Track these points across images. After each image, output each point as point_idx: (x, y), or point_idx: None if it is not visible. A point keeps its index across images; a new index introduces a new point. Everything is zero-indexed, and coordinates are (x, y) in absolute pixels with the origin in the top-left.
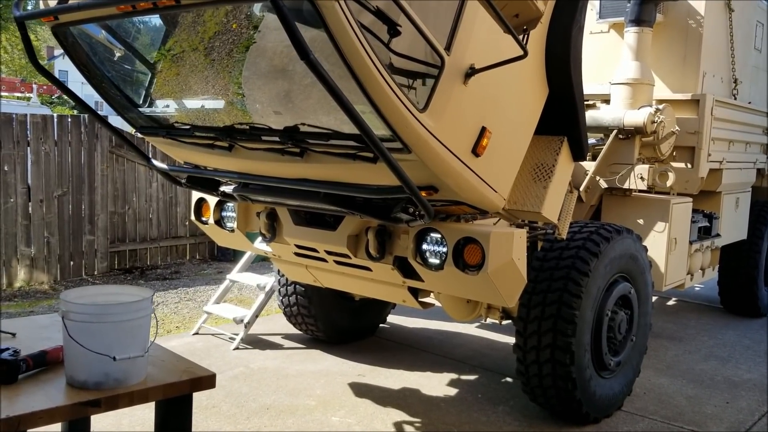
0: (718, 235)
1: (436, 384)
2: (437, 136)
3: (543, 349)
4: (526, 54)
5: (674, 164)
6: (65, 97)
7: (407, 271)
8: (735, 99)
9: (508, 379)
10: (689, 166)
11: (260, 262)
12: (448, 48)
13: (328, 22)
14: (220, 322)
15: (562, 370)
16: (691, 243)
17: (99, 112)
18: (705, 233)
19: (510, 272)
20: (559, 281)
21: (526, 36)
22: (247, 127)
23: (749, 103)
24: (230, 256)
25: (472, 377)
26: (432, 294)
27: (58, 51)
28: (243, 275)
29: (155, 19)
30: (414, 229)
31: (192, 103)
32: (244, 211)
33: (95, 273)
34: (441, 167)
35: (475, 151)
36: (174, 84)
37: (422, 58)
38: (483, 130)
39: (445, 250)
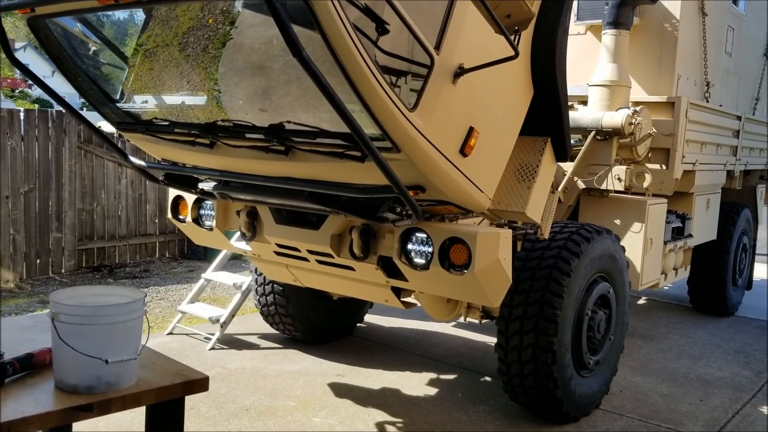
0: (690, 235)
1: (415, 383)
2: (426, 135)
3: (525, 348)
4: (517, 54)
5: (649, 166)
6: (27, 90)
7: (391, 270)
8: (707, 102)
9: (487, 378)
10: (664, 167)
11: (232, 261)
12: (437, 47)
13: (320, 20)
14: (194, 322)
15: (544, 369)
16: (665, 243)
17: (59, 108)
18: (678, 234)
19: (496, 272)
20: (541, 281)
21: (517, 37)
22: (231, 124)
23: (720, 106)
24: (201, 254)
25: (451, 376)
26: (412, 293)
27: (19, 44)
28: (218, 274)
29: (133, 13)
30: (399, 229)
31: (172, 99)
32: (223, 210)
33: (62, 271)
34: (429, 167)
35: (463, 151)
36: (153, 80)
37: (411, 57)
38: (471, 130)
39: (430, 250)
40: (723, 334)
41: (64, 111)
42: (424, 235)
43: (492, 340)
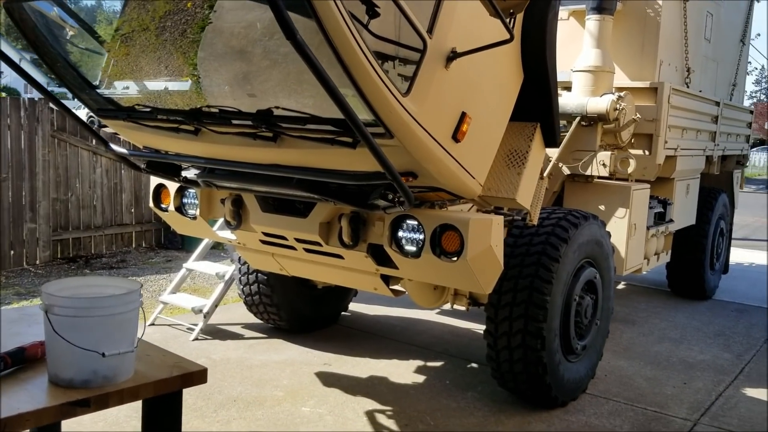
0: (671, 220)
1: (403, 371)
2: (419, 121)
3: (514, 334)
4: (512, 38)
5: (632, 151)
6: None
7: (381, 258)
8: (688, 87)
9: (474, 365)
10: (647, 153)
11: (211, 250)
12: (430, 31)
13: (315, 4)
14: (176, 313)
15: (533, 355)
16: (648, 228)
17: (29, 95)
18: (659, 219)
19: (488, 259)
20: (530, 267)
21: (512, 20)
22: (217, 110)
23: (700, 91)
24: (179, 243)
25: (438, 363)
26: (401, 281)
27: None
28: (200, 264)
29: None
30: (389, 216)
31: (154, 85)
32: (207, 198)
33: (37, 262)
34: (422, 153)
35: (456, 136)
36: (132, 65)
37: (403, 41)
38: (463, 115)
39: (422, 237)
40: (702, 318)
41: (37, 99)
42: (416, 222)
43: (476, 327)
